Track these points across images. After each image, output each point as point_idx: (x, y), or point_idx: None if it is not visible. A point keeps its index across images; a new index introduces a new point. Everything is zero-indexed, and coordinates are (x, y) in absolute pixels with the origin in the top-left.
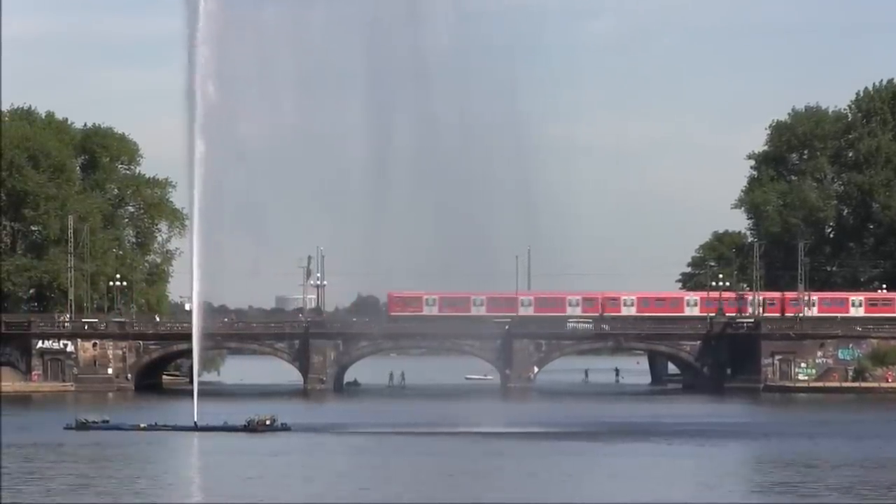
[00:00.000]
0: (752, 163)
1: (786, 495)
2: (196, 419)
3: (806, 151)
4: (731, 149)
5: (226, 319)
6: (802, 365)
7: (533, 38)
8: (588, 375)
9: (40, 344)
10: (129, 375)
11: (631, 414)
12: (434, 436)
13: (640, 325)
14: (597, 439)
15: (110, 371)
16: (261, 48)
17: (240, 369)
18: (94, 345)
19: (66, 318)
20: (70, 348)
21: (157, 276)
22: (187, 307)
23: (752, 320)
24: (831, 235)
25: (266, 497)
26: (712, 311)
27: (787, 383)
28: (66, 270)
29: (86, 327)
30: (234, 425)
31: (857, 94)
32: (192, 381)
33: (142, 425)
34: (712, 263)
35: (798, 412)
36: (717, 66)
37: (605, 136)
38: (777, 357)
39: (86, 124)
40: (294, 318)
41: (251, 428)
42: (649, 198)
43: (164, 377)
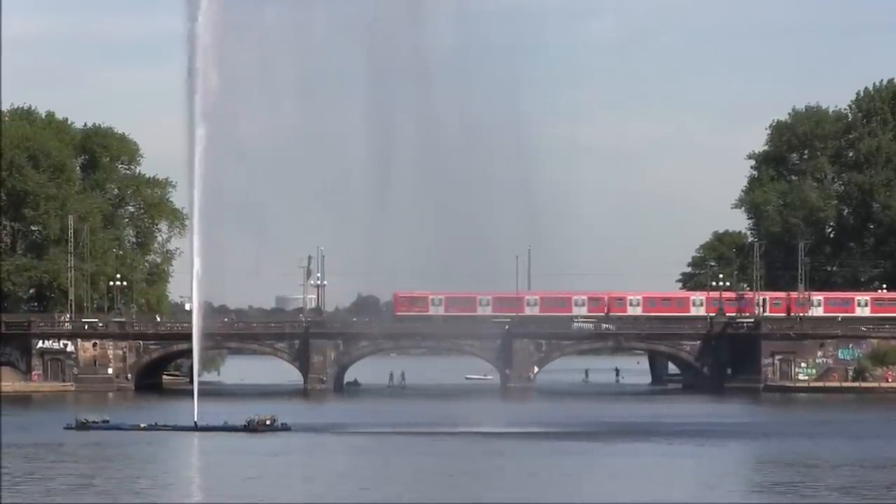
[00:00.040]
0: (752, 163)
1: (786, 495)
2: (196, 419)
3: (806, 151)
4: (732, 149)
5: (226, 319)
6: (802, 365)
7: (534, 38)
8: (588, 375)
9: (40, 344)
10: (129, 375)
11: (631, 414)
12: (434, 436)
13: (640, 324)
14: (597, 439)
15: (110, 371)
16: (262, 48)
17: (240, 369)
18: (94, 345)
19: (66, 318)
20: (70, 348)
21: (157, 276)
22: (187, 307)
23: (752, 320)
24: (831, 235)
25: (266, 497)
26: (728, 311)
27: (788, 383)
28: (66, 270)
29: (86, 327)
30: (234, 425)
31: (857, 93)
32: (192, 381)
33: (142, 425)
34: (713, 263)
35: (798, 412)
36: (718, 65)
37: (605, 136)
38: (777, 357)
39: (86, 124)
40: (294, 318)
41: (251, 428)
42: (649, 198)
43: (164, 377)
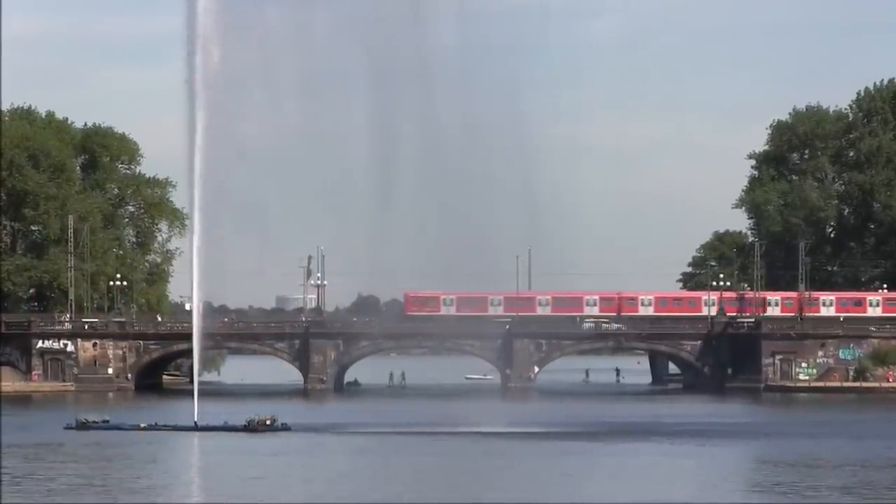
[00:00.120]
0: (752, 162)
1: (786, 495)
2: (196, 419)
3: (807, 151)
4: (732, 148)
5: (226, 319)
6: (803, 365)
7: (535, 38)
8: (589, 375)
9: (40, 344)
10: (129, 375)
11: (631, 414)
12: (434, 436)
13: (641, 324)
14: (597, 439)
15: (110, 371)
16: (263, 48)
17: (240, 369)
18: (95, 345)
19: (66, 317)
20: (70, 348)
21: (157, 276)
22: (187, 307)
23: (752, 320)
24: (832, 235)
25: (266, 497)
26: (731, 310)
27: (788, 383)
28: (66, 270)
29: (86, 327)
30: (234, 425)
31: (857, 93)
32: (192, 381)
33: (142, 425)
34: (713, 263)
35: (799, 412)
36: (718, 65)
37: (605, 136)
38: (778, 357)
39: (86, 124)
40: (294, 318)
41: (251, 428)
42: (650, 198)
43: (165, 377)
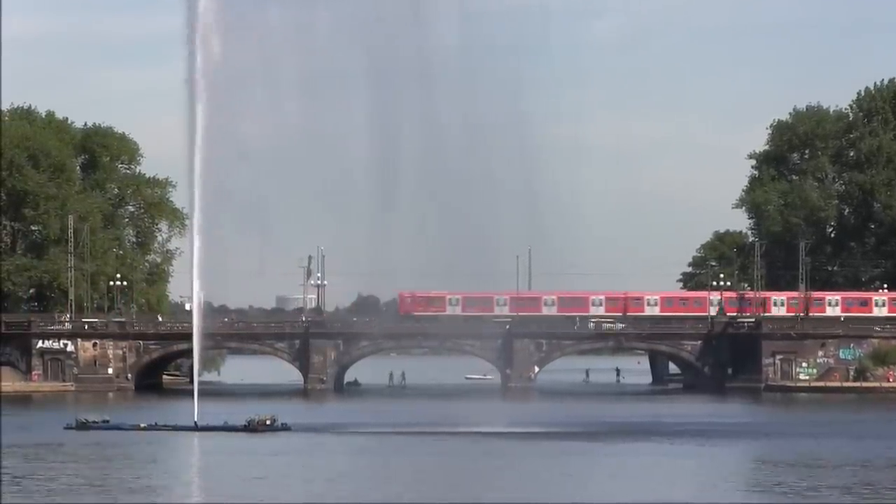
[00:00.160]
0: (753, 162)
1: (787, 495)
2: (196, 419)
3: (807, 151)
4: (733, 148)
5: (226, 319)
6: (803, 365)
7: (536, 38)
8: (589, 375)
9: (40, 344)
10: (129, 375)
11: (632, 414)
12: (434, 436)
13: (641, 324)
14: (597, 439)
15: (110, 371)
16: (264, 47)
17: (240, 369)
18: (95, 345)
19: (66, 317)
20: (70, 348)
21: (158, 276)
22: (187, 307)
23: (752, 320)
24: (832, 235)
25: (266, 497)
26: (731, 310)
27: (788, 383)
28: (66, 270)
29: (86, 327)
30: (234, 425)
31: (858, 93)
32: (192, 381)
33: (142, 425)
34: (713, 263)
35: (799, 412)
36: (719, 65)
37: (607, 136)
38: (778, 357)
39: (86, 124)
40: (294, 318)
41: (251, 428)
42: (650, 197)
43: (165, 377)
